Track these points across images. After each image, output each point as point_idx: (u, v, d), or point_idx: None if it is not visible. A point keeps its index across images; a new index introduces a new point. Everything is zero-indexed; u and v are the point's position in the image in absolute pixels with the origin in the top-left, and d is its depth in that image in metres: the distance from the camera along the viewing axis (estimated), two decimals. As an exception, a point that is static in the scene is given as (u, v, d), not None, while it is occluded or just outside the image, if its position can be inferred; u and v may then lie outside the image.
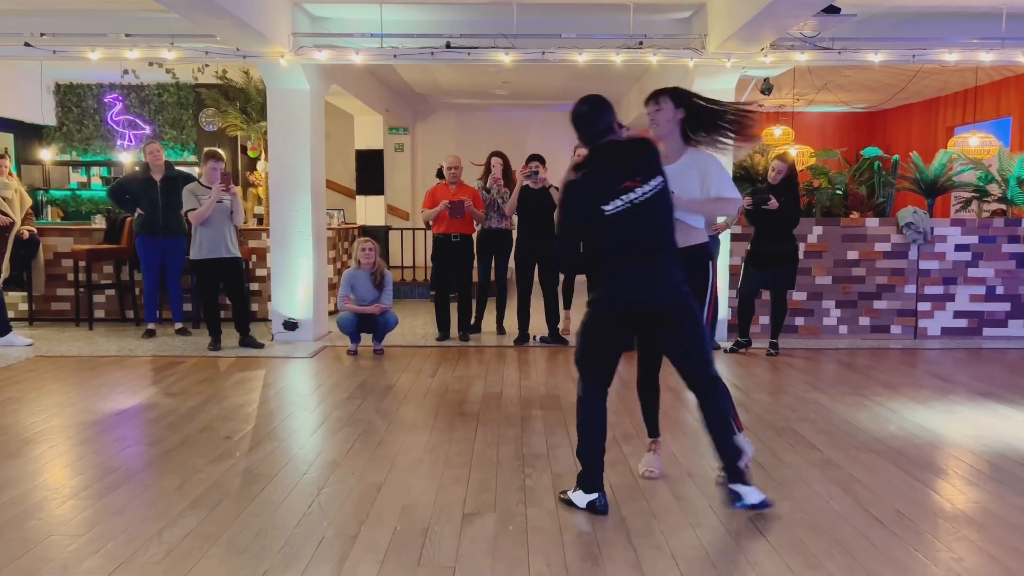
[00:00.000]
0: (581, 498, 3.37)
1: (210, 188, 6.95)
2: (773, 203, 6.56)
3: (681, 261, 3.33)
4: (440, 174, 8.73)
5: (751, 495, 3.22)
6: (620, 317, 3.29)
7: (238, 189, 7.34)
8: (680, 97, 3.57)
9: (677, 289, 3.24)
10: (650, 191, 3.19)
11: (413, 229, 11.86)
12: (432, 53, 7.10)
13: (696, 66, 7.36)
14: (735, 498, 3.25)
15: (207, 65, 8.39)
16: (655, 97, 3.58)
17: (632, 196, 3.17)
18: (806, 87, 11.06)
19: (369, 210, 12.81)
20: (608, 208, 3.17)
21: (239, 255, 7.19)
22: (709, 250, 3.68)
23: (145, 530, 3.16)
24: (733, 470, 3.27)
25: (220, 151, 7.52)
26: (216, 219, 6.94)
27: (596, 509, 3.33)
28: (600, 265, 3.29)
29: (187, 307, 8.20)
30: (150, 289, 7.72)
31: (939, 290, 7.82)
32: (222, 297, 7.27)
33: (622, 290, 3.24)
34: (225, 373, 6.20)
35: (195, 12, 5.86)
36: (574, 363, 3.46)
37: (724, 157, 3.47)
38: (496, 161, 7.64)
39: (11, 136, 11.14)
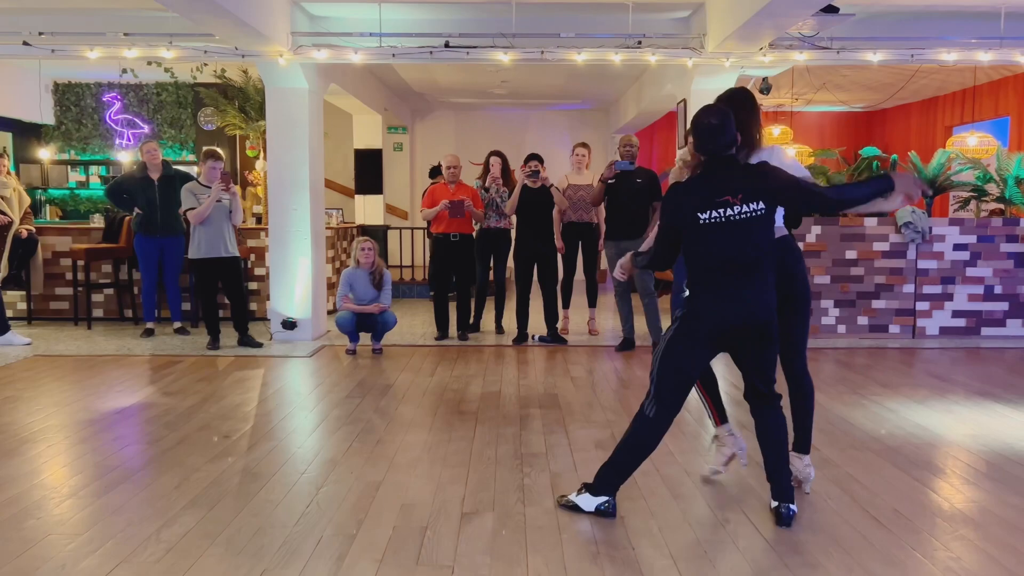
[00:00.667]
0: (589, 501, 3.32)
1: (209, 187, 6.94)
2: None
3: None
4: (433, 173, 8.69)
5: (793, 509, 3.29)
6: (713, 332, 3.21)
7: (237, 188, 7.33)
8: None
9: (770, 309, 3.21)
10: (747, 212, 3.13)
11: (412, 228, 11.87)
12: (431, 52, 7.10)
13: (695, 66, 7.37)
14: (788, 517, 3.24)
15: (206, 64, 8.39)
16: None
17: (728, 211, 3.13)
18: (805, 87, 11.07)
19: (368, 209, 12.81)
20: (703, 216, 3.15)
21: (238, 254, 7.19)
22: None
23: (143, 529, 3.16)
24: (783, 490, 3.27)
25: (219, 150, 7.51)
26: (215, 218, 6.93)
27: (605, 512, 3.30)
28: (693, 278, 3.24)
29: (186, 306, 8.21)
30: (148, 288, 7.72)
31: (937, 289, 7.83)
32: (220, 296, 7.28)
33: (718, 305, 3.17)
34: (224, 372, 6.20)
35: (194, 11, 5.86)
36: (651, 381, 3.30)
37: None
38: (495, 160, 7.64)
39: (9, 135, 11.14)
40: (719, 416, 3.77)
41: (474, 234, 7.67)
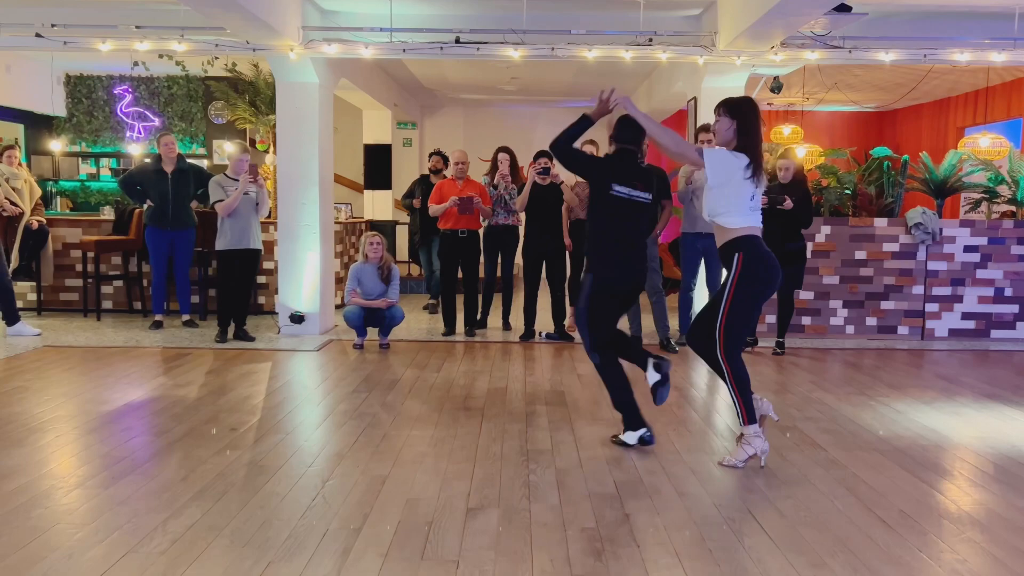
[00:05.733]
0: (632, 436, 4.16)
1: (236, 179, 6.99)
2: (788, 203, 6.56)
3: (721, 258, 4.03)
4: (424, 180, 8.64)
5: None
6: (618, 295, 4.18)
7: (266, 182, 7.36)
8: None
9: (646, 275, 4.29)
10: (642, 197, 4.16)
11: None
12: (441, 48, 7.10)
13: (705, 64, 7.34)
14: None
15: (217, 58, 8.39)
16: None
17: (632, 192, 4.12)
18: (816, 86, 11.01)
19: (376, 204, 12.83)
20: (617, 189, 4.10)
21: (261, 248, 7.23)
22: (739, 244, 3.89)
23: (150, 520, 3.17)
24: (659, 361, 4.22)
25: (247, 144, 7.55)
26: (242, 211, 6.98)
27: (645, 441, 4.14)
28: (597, 251, 4.14)
29: (194, 299, 8.23)
30: (158, 280, 7.75)
31: (947, 291, 7.79)
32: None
33: (622, 275, 4.14)
34: (231, 365, 6.22)
35: (205, 4, 5.87)
36: (590, 337, 4.14)
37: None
38: (503, 157, 7.63)
39: (21, 127, 11.19)
40: (748, 416, 3.88)
41: (481, 231, 7.67)
